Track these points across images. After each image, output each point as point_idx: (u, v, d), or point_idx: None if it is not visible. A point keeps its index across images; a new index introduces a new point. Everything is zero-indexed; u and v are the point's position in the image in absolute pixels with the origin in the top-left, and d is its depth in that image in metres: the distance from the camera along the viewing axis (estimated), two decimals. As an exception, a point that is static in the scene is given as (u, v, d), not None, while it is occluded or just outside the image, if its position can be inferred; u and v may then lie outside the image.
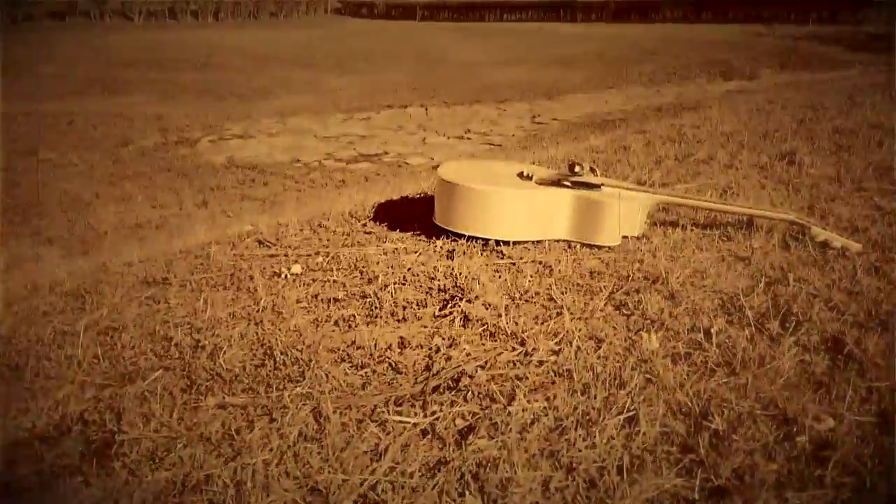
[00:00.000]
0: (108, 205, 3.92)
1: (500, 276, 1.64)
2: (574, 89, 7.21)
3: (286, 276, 1.64)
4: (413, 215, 2.08)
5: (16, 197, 4.06)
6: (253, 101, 7.20)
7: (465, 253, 1.77)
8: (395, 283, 1.59)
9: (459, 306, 1.48)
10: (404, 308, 1.49)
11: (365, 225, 2.02)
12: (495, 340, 1.35)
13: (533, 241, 1.83)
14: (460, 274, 1.64)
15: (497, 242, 1.81)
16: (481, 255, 1.77)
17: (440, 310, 1.50)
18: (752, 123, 3.42)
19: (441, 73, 8.43)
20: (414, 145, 5.00)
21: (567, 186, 1.84)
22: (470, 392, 1.17)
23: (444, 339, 1.36)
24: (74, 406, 1.14)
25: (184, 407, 1.14)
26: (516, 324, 1.40)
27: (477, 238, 1.82)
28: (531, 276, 1.64)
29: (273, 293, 1.55)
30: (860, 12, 11.95)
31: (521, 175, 1.91)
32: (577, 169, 1.86)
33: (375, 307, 1.49)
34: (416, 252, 1.79)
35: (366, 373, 1.25)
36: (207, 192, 4.05)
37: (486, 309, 1.48)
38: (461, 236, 1.84)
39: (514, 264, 1.71)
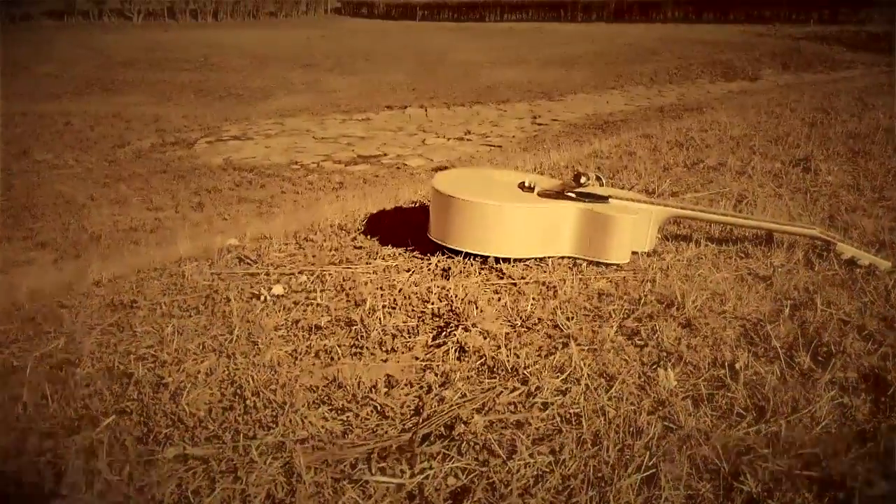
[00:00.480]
0: (102, 207, 3.77)
1: (499, 299, 1.48)
2: (575, 90, 7.04)
3: (265, 298, 1.48)
4: (407, 227, 1.92)
5: (10, 199, 3.91)
6: (251, 101, 7.05)
7: (461, 272, 1.61)
8: (384, 308, 1.43)
9: (455, 335, 1.32)
10: (394, 337, 1.33)
11: (355, 239, 1.86)
12: (494, 377, 1.19)
13: (535, 259, 1.67)
14: (456, 296, 1.48)
15: (496, 260, 1.65)
16: (479, 273, 1.61)
17: (433, 339, 1.34)
18: (762, 127, 3.26)
19: (441, 73, 8.26)
20: (413, 147, 4.84)
21: (572, 199, 1.68)
22: (465, 443, 1.01)
23: (436, 375, 1.20)
24: (10, 463, 0.98)
25: (137, 461, 0.98)
26: (517, 356, 1.24)
27: (475, 255, 1.66)
28: (534, 299, 1.48)
29: (249, 319, 1.39)
30: (861, 11, 11.76)
31: (522, 186, 1.75)
32: (582, 180, 1.69)
33: (361, 336, 1.33)
34: (408, 271, 1.63)
35: (347, 417, 1.09)
36: (203, 194, 3.91)
37: (484, 338, 1.32)
38: (458, 253, 1.68)
39: (514, 285, 1.55)
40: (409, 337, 1.34)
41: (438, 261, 1.67)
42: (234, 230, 2.94)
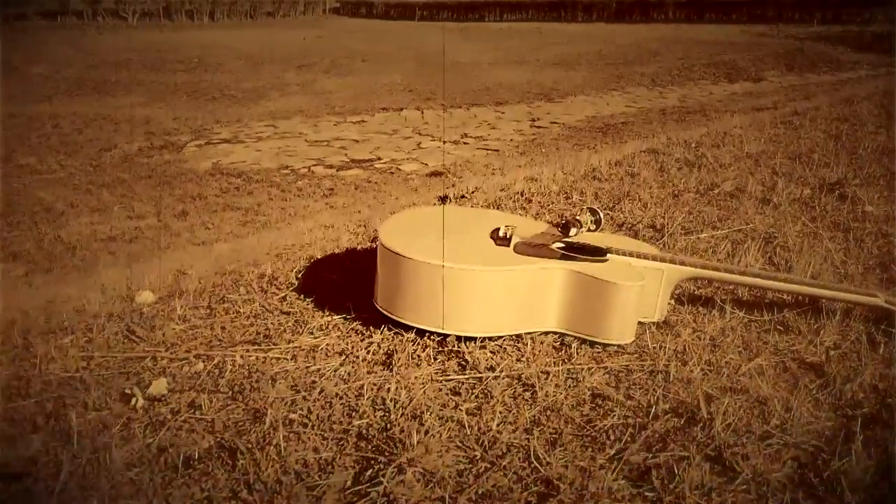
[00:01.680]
0: (82, 215, 3.39)
1: (455, 407, 1.03)
2: (574, 91, 6.56)
3: (137, 402, 1.04)
4: (354, 281, 1.47)
5: (-12, 206, 3.53)
6: (244, 103, 6.61)
7: (410, 357, 1.16)
8: (291, 425, 0.99)
9: (382, 480, 0.87)
10: (297, 477, 0.89)
11: (284, 298, 1.40)
12: (429, 572, 0.74)
13: (510, 336, 1.22)
14: (396, 402, 1.03)
15: (458, 338, 1.20)
16: (433, 361, 1.16)
17: (354, 480, 0.89)
18: (782, 141, 2.78)
19: (438, 74, 7.79)
20: (408, 150, 4.42)
21: (559, 254, 1.22)
22: None
23: (340, 567, 0.75)
24: None
25: None
26: (469, 527, 0.79)
27: (430, 332, 1.21)
28: (503, 407, 1.03)
29: (98, 447, 0.94)
30: (865, 11, 11.19)
31: (495, 236, 1.29)
32: (572, 231, 1.24)
33: (247, 480, 0.88)
34: (339, 354, 1.18)
35: None
36: (188, 201, 3.50)
37: (426, 486, 0.87)
38: (409, 328, 1.23)
39: (479, 380, 1.10)
40: (321, 475, 0.90)
41: (382, 339, 1.21)
42: (217, 236, 2.53)
